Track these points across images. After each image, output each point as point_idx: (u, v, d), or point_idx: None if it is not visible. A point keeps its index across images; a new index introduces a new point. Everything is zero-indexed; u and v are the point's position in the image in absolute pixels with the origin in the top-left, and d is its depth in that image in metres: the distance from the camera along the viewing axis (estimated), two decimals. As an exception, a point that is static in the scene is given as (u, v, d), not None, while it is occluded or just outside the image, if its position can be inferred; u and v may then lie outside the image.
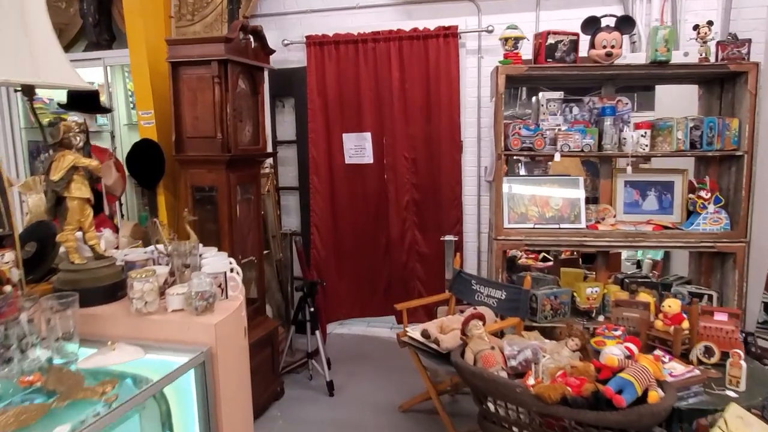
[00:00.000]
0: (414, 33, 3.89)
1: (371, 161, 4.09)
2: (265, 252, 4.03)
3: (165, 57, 2.77)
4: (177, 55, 2.78)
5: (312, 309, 3.51)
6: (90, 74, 4.29)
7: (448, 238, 3.74)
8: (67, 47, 4.35)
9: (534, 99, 3.41)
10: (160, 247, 1.87)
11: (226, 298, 1.69)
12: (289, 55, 4.29)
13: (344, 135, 4.12)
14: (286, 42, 4.20)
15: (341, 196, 4.19)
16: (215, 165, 2.83)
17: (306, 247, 4.32)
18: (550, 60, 3.01)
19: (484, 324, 2.39)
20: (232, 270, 1.75)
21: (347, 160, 4.15)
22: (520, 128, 3.08)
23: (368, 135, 4.07)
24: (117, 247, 2.22)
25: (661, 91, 3.86)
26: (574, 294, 3.25)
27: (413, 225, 4.08)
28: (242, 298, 1.71)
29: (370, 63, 3.99)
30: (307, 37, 4.10)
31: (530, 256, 4.30)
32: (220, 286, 1.65)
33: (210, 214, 2.99)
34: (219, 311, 1.58)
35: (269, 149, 4.13)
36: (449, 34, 3.84)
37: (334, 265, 4.26)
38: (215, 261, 1.79)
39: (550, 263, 4.22)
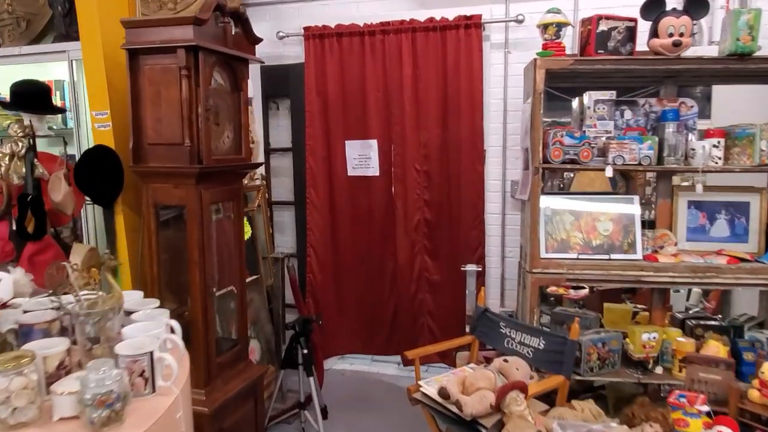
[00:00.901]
0: (429, 24, 3.31)
1: (377, 173, 3.51)
2: (253, 277, 3.48)
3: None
4: (136, 40, 2.22)
5: (305, 351, 2.92)
6: (57, 70, 3.75)
7: (471, 268, 3.13)
8: (35, 40, 3.81)
9: (575, 101, 2.82)
10: (69, 300, 1.29)
11: (153, 392, 1.11)
12: (284, 50, 3.72)
13: (347, 142, 3.55)
14: (281, 34, 3.64)
15: (342, 214, 3.61)
16: (182, 179, 2.26)
17: (301, 271, 3.74)
18: (602, 51, 2.43)
19: (526, 396, 1.79)
20: (165, 342, 1.16)
21: (350, 172, 3.57)
22: (562, 136, 2.49)
23: (374, 143, 3.49)
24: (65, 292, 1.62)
25: (720, 94, 3.26)
26: (626, 340, 2.64)
27: (424, 249, 3.49)
28: (177, 392, 1.13)
29: (378, 58, 3.42)
30: (305, 29, 3.54)
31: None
32: (142, 374, 1.07)
33: (178, 238, 2.42)
34: (135, 420, 1.00)
35: (260, 158, 3.57)
36: (471, 25, 3.26)
37: (332, 292, 3.68)
38: (142, 328, 1.20)
39: (584, 291, 3.61)
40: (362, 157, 3.53)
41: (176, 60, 2.16)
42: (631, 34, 2.44)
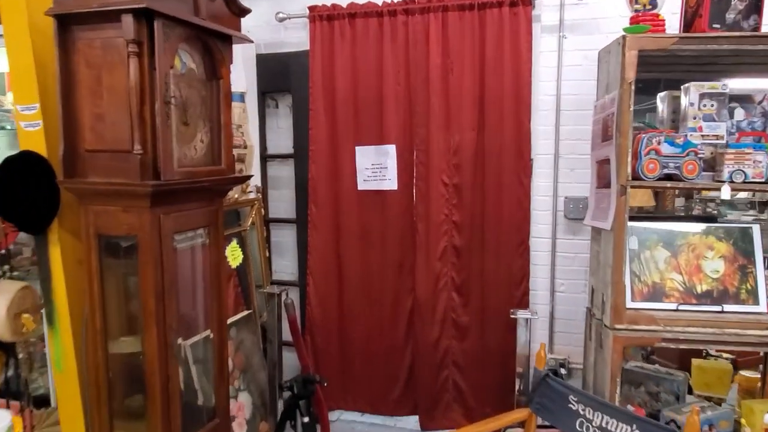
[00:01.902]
0: (465, 1, 2.65)
1: (394, 187, 2.84)
2: (244, 313, 2.83)
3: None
4: (67, 4, 1.57)
5: (306, 418, 2.25)
6: None
7: (522, 314, 2.44)
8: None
9: (661, 97, 2.14)
10: None
11: None
12: (285, 35, 3.07)
13: (358, 148, 2.88)
14: (281, 16, 2.99)
15: (349, 237, 2.94)
16: (132, 200, 1.60)
17: (303, 303, 3.08)
18: (717, 26, 1.75)
19: None
20: None
21: (361, 185, 2.90)
22: (659, 143, 1.81)
23: (392, 149, 2.83)
24: None
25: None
26: (739, 419, 1.96)
27: (451, 284, 2.82)
28: None
29: (400, 45, 2.76)
30: (311, 9, 2.88)
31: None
32: None
33: (130, 275, 1.77)
34: None
35: (254, 166, 2.92)
36: (518, 2, 2.59)
37: (334, 333, 3.01)
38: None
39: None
40: (376, 167, 2.86)
41: (121, 31, 1.51)
42: (757, 4, 1.76)
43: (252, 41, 1.99)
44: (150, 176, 1.57)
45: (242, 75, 2.90)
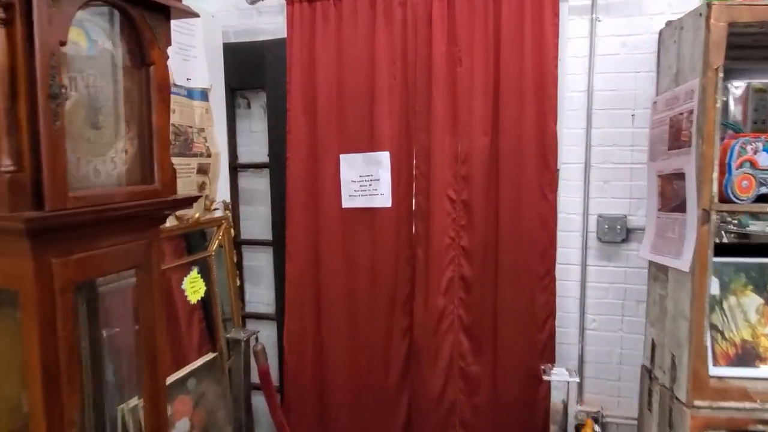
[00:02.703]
0: (475, -24, 2.16)
1: (388, 204, 2.33)
2: (209, 356, 2.35)
3: None
4: None
5: None
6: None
7: (557, 375, 1.89)
8: None
9: (742, 88, 1.65)
10: None
11: None
12: (258, 21, 2.58)
13: (343, 157, 2.38)
14: (251, -2, 2.49)
15: (332, 265, 2.42)
16: (4, 240, 1.09)
17: (279, 340, 2.57)
18: (839, -11, 1.26)
19: None
20: None
21: (346, 202, 2.39)
22: (755, 151, 1.31)
23: (385, 157, 2.32)
24: None
25: None
26: None
27: (458, 324, 2.31)
28: None
29: (396, 30, 2.27)
30: (287, -12, 2.39)
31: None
32: None
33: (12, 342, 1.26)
34: None
35: (221, 178, 2.41)
36: (541, -24, 2.10)
37: (314, 383, 2.48)
38: None
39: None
40: (366, 180, 2.35)
41: (-24, -13, 1.00)
42: None
43: (196, 14, 1.48)
44: (28, 204, 1.06)
45: (205, 68, 2.39)
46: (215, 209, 2.49)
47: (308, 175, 2.42)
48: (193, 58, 2.33)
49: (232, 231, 2.62)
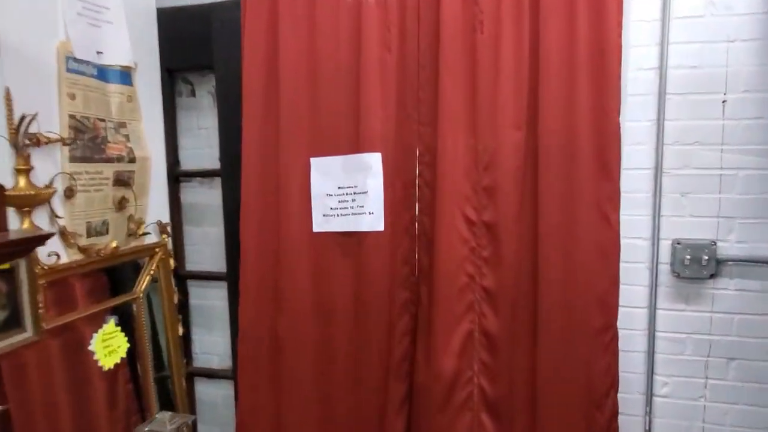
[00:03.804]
0: None
1: (379, 227, 1.65)
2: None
3: None
4: None
5: None
6: None
7: None
8: None
9: None
10: None
11: None
12: (203, -21, 1.92)
13: (315, 161, 1.71)
14: (194, -53, 1.83)
15: (300, 311, 1.75)
16: None
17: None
18: None
19: None
20: None
21: (319, 225, 1.73)
22: None
23: (375, 160, 1.64)
24: None
25: None
26: None
27: (479, 399, 1.63)
28: None
29: (388, -19, 1.61)
30: (239, -70, 1.72)
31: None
32: None
33: None
34: None
35: (152, 191, 1.76)
36: None
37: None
38: None
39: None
40: (347, 193, 1.69)
41: None
42: None
43: None
44: None
45: (126, 38, 1.73)
46: (147, 232, 1.83)
47: (267, 186, 1.75)
48: (107, 23, 1.68)
49: (172, 262, 1.95)
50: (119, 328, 1.70)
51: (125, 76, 1.74)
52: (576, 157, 1.50)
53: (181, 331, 1.98)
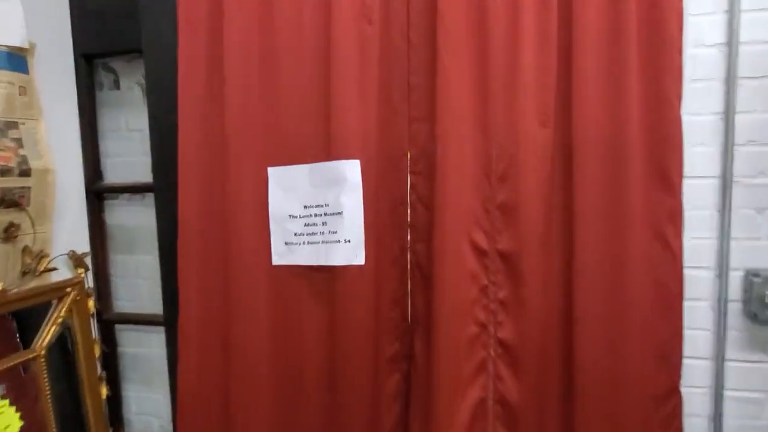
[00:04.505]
0: None
1: (358, 260, 1.22)
2: None
3: None
4: None
5: None
6: None
7: None
8: None
9: None
10: None
11: None
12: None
13: (272, 171, 1.29)
14: None
15: (255, 369, 1.32)
16: None
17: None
18: None
19: None
20: None
21: (279, 256, 1.31)
22: None
23: (351, 169, 1.22)
24: None
25: None
26: None
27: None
28: None
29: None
30: None
31: None
32: None
33: None
34: None
35: (55, 213, 1.30)
36: None
37: None
38: None
39: None
40: (314, 214, 1.27)
41: None
42: None
43: None
44: None
45: (17, 10, 1.30)
46: (49, 270, 1.39)
47: (211, 206, 1.33)
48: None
49: (92, 304, 1.51)
50: (7, 401, 1.25)
51: (16, 60, 1.30)
52: (624, 161, 1.10)
53: (105, 392, 1.54)
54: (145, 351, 1.66)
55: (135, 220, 1.61)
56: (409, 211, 1.26)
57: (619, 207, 1.10)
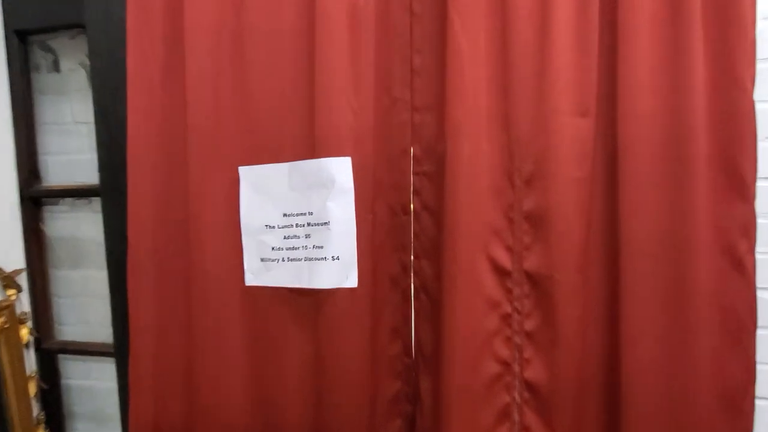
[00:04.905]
0: None
1: (350, 281, 0.98)
2: None
3: None
4: None
5: None
6: None
7: None
8: None
9: None
10: None
11: None
12: None
13: (244, 171, 1.05)
14: None
15: (222, 412, 1.08)
16: None
17: None
18: None
19: None
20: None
21: (254, 275, 1.06)
22: None
23: (341, 168, 0.98)
24: None
25: None
26: None
27: None
28: None
29: None
30: None
31: None
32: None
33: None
34: None
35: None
36: None
37: None
38: None
39: None
40: (296, 224, 1.03)
41: None
42: None
43: None
44: None
45: None
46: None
47: (169, 213, 1.09)
48: None
49: (27, 331, 1.25)
50: None
51: None
52: (685, 159, 0.87)
53: (43, 437, 1.28)
54: (93, 384, 1.40)
55: (81, 230, 1.35)
56: (412, 221, 1.03)
57: (676, 216, 0.88)
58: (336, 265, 0.98)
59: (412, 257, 1.03)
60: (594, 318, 0.92)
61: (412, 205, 1.03)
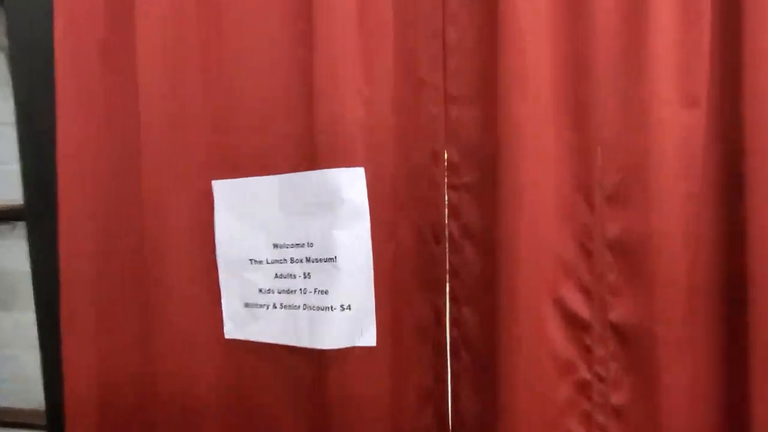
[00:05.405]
0: None
1: (367, 339, 0.72)
2: None
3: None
4: None
5: None
6: None
7: None
8: None
9: None
10: None
11: None
12: None
13: (218, 186, 0.78)
14: None
15: None
16: None
17: None
18: None
19: None
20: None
21: (234, 327, 0.79)
22: None
23: (350, 183, 0.71)
24: None
25: None
26: None
27: None
28: None
29: None
30: None
31: None
32: None
33: None
34: None
35: None
36: None
37: None
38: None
39: None
40: (292, 258, 0.76)
41: None
42: None
43: None
44: None
45: None
46: None
47: (118, 242, 0.82)
48: None
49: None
50: None
51: None
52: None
53: None
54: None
55: (5, 261, 1.05)
56: (447, 252, 0.76)
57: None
58: (346, 317, 0.71)
59: (447, 301, 0.77)
60: (712, 389, 0.67)
61: (447, 231, 0.76)
